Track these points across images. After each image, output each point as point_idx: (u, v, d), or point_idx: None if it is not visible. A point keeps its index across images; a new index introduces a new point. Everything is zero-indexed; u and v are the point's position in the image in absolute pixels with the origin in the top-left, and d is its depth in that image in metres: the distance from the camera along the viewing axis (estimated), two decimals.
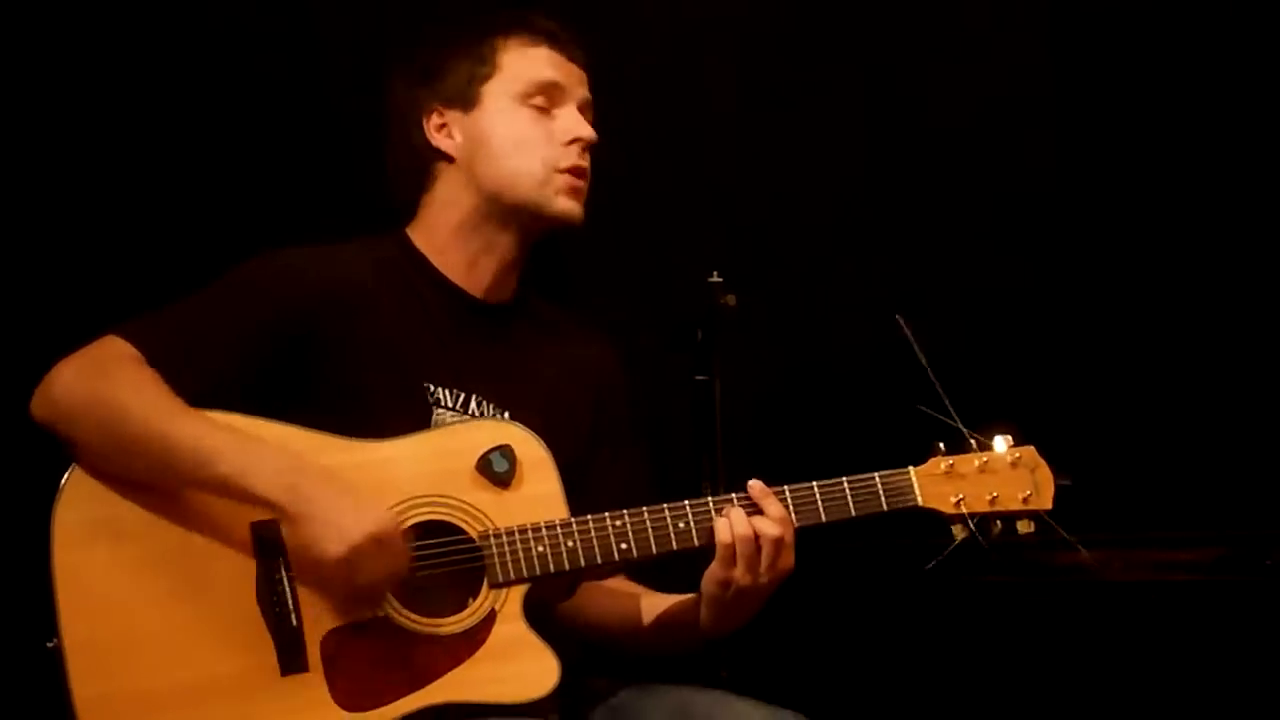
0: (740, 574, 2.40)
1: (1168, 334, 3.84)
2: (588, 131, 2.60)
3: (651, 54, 3.76)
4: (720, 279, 2.82)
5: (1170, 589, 3.52)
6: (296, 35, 3.55)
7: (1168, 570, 3.55)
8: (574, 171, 2.58)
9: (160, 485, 2.32)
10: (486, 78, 2.60)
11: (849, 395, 3.83)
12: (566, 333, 2.71)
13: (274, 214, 3.42)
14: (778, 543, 2.40)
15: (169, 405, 2.31)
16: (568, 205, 2.58)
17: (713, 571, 2.42)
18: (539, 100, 2.59)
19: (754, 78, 3.89)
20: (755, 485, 2.44)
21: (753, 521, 2.41)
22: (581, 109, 2.63)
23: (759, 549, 2.40)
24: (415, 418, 2.47)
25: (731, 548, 2.39)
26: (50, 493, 2.32)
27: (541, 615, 2.40)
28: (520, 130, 2.58)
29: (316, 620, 2.32)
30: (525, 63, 2.61)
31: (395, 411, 2.45)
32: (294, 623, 2.31)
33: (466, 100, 2.60)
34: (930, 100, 3.94)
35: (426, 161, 2.63)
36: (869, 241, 3.91)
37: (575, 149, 2.59)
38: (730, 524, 2.40)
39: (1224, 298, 3.83)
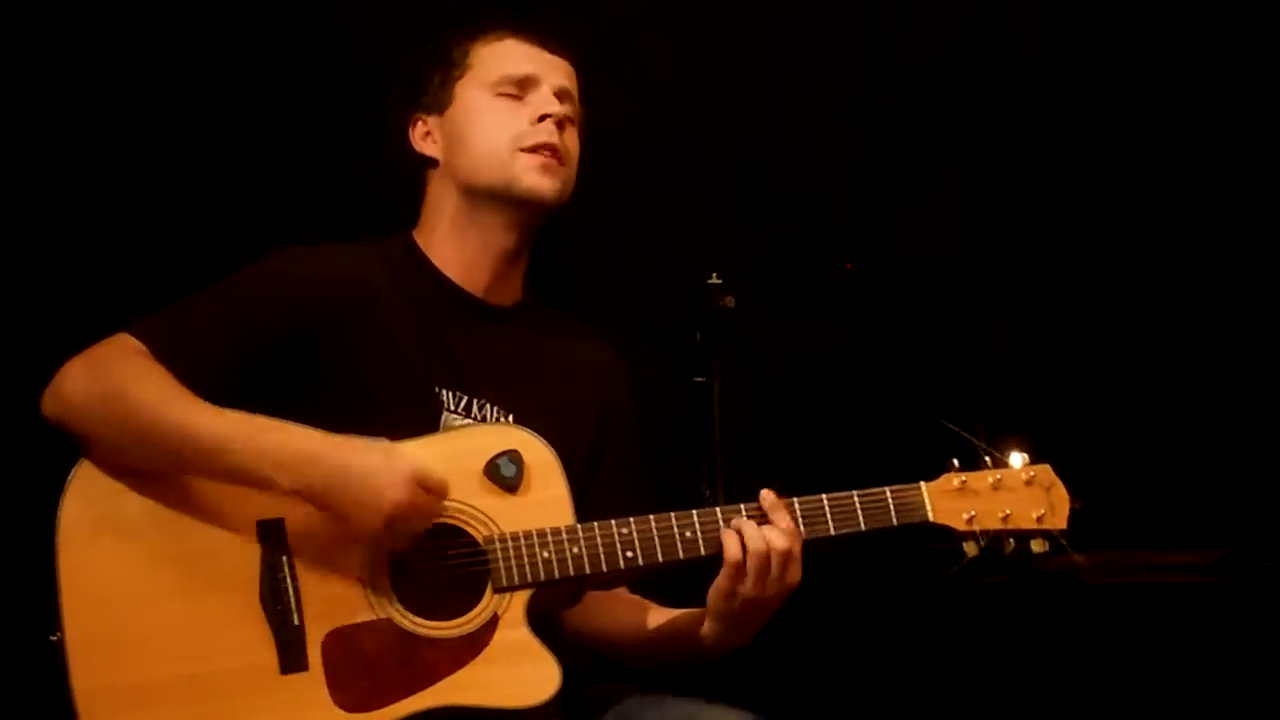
0: (749, 587, 2.36)
1: (1168, 336, 3.84)
2: (557, 107, 2.56)
3: (651, 55, 3.76)
4: (719, 280, 2.81)
5: (1170, 590, 3.52)
6: (307, 37, 3.55)
7: (1168, 572, 3.55)
8: (543, 148, 2.54)
9: (175, 475, 2.31)
10: (459, 78, 2.61)
11: (847, 397, 3.83)
12: (573, 339, 2.68)
13: (282, 212, 3.42)
14: (786, 555, 2.37)
15: (179, 396, 2.30)
16: (536, 180, 2.54)
17: (719, 585, 2.39)
18: (510, 89, 2.58)
19: (753, 77, 3.88)
20: (767, 496, 2.41)
21: (764, 532, 2.37)
22: (558, 94, 2.59)
23: (768, 562, 2.36)
24: (423, 420, 2.47)
25: (740, 560, 2.36)
26: (53, 490, 2.31)
27: (548, 623, 2.39)
28: (488, 117, 2.57)
29: (318, 620, 2.31)
30: (494, 56, 2.61)
31: (404, 413, 2.44)
32: (295, 621, 2.30)
33: (442, 103, 2.61)
34: (931, 100, 3.94)
35: (419, 169, 2.64)
36: (869, 243, 3.91)
37: (546, 126, 2.55)
38: (741, 536, 2.37)
39: (1222, 301, 3.82)
